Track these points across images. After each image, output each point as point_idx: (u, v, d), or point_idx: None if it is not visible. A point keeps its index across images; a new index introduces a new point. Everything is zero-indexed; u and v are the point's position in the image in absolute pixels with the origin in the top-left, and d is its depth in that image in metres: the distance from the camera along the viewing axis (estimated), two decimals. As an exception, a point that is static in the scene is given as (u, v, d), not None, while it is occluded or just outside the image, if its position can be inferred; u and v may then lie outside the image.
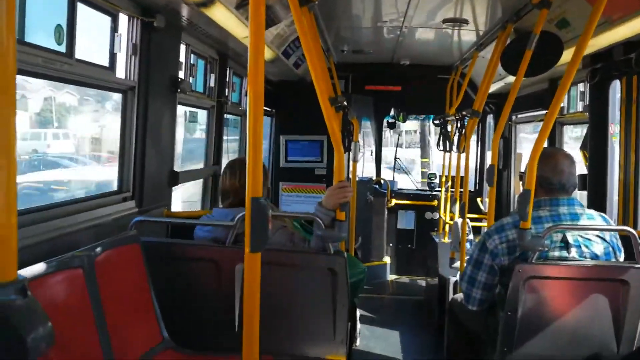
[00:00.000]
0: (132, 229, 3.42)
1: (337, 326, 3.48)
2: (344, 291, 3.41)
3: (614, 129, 4.85)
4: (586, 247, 3.33)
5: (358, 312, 5.29)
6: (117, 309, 2.93)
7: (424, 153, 21.79)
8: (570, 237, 3.33)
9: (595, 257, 3.34)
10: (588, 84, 5.15)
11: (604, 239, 3.38)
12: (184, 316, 3.47)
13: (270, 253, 3.47)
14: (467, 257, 3.58)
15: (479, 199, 8.52)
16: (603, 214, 3.55)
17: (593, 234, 3.37)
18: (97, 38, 3.64)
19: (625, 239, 3.37)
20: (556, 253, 3.32)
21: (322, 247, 3.43)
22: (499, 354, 3.40)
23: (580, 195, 5.53)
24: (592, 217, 3.43)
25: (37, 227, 2.95)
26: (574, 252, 3.32)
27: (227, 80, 5.73)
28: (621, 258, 3.46)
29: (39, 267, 2.42)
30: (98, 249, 2.89)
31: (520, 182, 3.66)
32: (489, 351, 3.65)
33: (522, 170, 3.71)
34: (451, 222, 6.44)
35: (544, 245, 3.21)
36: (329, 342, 3.52)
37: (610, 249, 3.39)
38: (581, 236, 3.35)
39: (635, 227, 4.45)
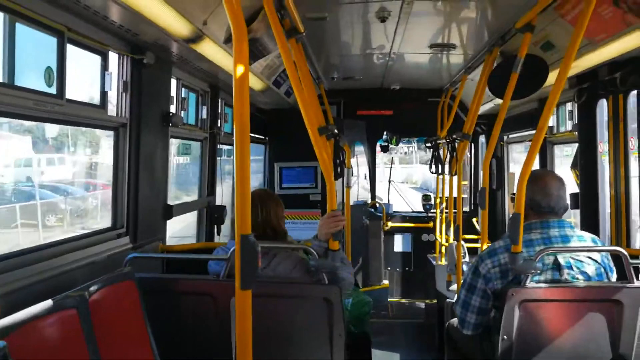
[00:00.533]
0: (127, 265, 3.42)
1: (334, 357, 3.47)
2: (339, 321, 3.41)
3: (603, 147, 4.90)
4: (578, 268, 3.35)
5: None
6: (113, 347, 2.92)
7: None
8: (562, 259, 3.34)
9: (587, 278, 3.35)
10: (576, 104, 5.21)
11: (595, 260, 3.39)
12: (181, 351, 3.46)
13: (265, 285, 3.49)
14: (463, 282, 3.58)
15: (474, 220, 8.53)
16: (594, 236, 3.57)
17: (584, 255, 3.39)
18: (87, 77, 3.68)
19: (617, 258, 3.38)
20: (548, 275, 3.33)
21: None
22: None
23: (574, 214, 5.57)
24: (582, 239, 3.45)
25: (31, 268, 2.95)
26: (565, 274, 3.33)
27: (219, 111, 5.78)
28: (613, 278, 3.47)
29: (32, 310, 2.42)
30: (92, 288, 2.88)
31: (512, 204, 3.69)
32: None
33: (514, 192, 3.74)
34: (447, 244, 6.44)
35: (536, 268, 3.21)
36: None
37: (602, 269, 3.40)
38: (572, 258, 3.36)
39: (628, 245, 4.47)
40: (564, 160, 6.81)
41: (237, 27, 2.05)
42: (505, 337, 3.31)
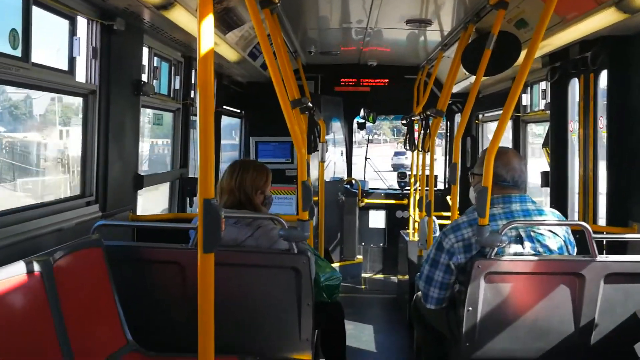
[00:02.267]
0: (95, 232, 3.40)
1: (303, 325, 3.50)
2: (308, 290, 3.44)
3: (574, 126, 4.96)
4: (539, 241, 3.41)
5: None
6: (78, 313, 2.92)
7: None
8: (523, 232, 3.40)
9: (548, 251, 3.42)
10: (548, 83, 5.25)
11: (556, 234, 3.46)
12: (148, 318, 3.46)
13: (233, 254, 3.50)
14: (426, 257, 3.62)
15: (448, 197, 8.61)
16: (554, 210, 3.64)
17: (545, 229, 3.45)
18: (56, 42, 3.61)
19: (580, 233, 3.45)
20: (511, 249, 3.39)
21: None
22: (462, 349, 3.46)
23: (544, 192, 5.65)
24: (543, 213, 3.52)
25: None
26: (528, 247, 3.39)
27: (193, 82, 5.72)
28: (573, 252, 3.54)
29: (-6, 273, 2.41)
30: (57, 254, 2.87)
31: (472, 182, 3.73)
32: (453, 347, 3.70)
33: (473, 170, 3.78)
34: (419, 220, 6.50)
35: (502, 241, 3.27)
36: (294, 342, 3.53)
37: (563, 242, 3.47)
38: (534, 231, 3.43)
39: (594, 221, 4.56)
40: (535, 140, 6.90)
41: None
42: (470, 308, 3.37)
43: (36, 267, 2.65)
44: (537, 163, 6.35)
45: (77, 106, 3.96)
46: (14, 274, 2.51)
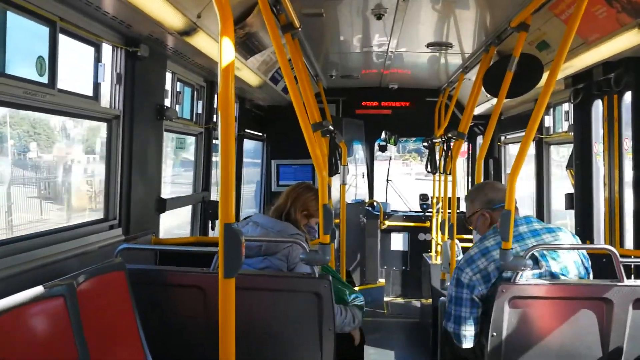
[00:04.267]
0: (118, 256, 3.43)
1: (324, 351, 3.46)
2: (329, 315, 3.41)
3: (598, 147, 4.90)
4: (554, 259, 3.37)
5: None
6: (101, 337, 2.93)
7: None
8: (536, 252, 3.35)
9: (565, 267, 3.37)
10: (572, 104, 5.21)
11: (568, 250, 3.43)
12: (170, 342, 3.46)
13: (254, 278, 3.49)
14: (448, 296, 3.55)
15: None
16: (562, 227, 3.60)
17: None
18: (81, 68, 3.68)
19: (607, 257, 3.39)
20: (528, 271, 3.33)
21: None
22: None
23: (570, 214, 5.57)
24: (552, 231, 3.47)
25: (21, 256, 2.96)
26: (544, 266, 3.34)
27: (215, 106, 5.78)
28: (588, 264, 3.49)
29: (18, 297, 2.42)
30: (81, 277, 2.88)
31: (471, 225, 3.74)
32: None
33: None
34: (441, 243, 6.44)
35: (527, 265, 3.22)
36: None
37: (577, 256, 3.44)
38: (546, 250, 3.38)
39: (621, 245, 4.47)
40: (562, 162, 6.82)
41: (223, 18, 2.05)
42: (495, 333, 3.31)
43: (59, 290, 2.66)
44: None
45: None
46: (37, 297, 2.52)
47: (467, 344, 3.49)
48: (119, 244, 3.69)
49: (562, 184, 6.17)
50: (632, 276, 4.08)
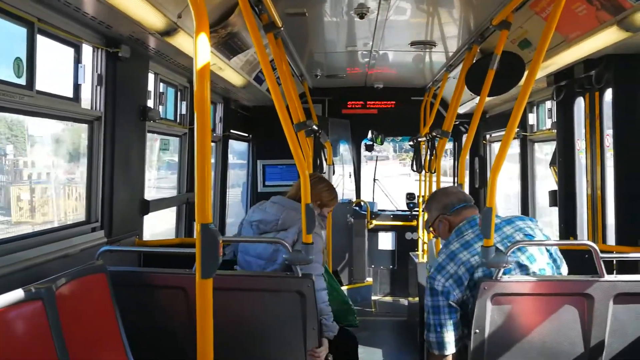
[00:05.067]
0: (99, 258, 3.40)
1: (309, 349, 3.47)
2: (313, 313, 3.41)
3: (580, 144, 4.93)
4: (520, 251, 3.40)
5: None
6: (82, 340, 2.90)
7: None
8: (501, 245, 3.37)
9: (532, 256, 3.40)
10: (554, 102, 5.24)
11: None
12: (153, 344, 3.44)
13: (235, 278, 3.49)
14: (426, 307, 3.53)
15: None
16: (522, 216, 3.63)
17: (523, 236, 3.45)
18: (61, 70, 3.66)
19: (588, 252, 3.41)
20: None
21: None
22: None
23: (552, 212, 5.60)
24: (512, 222, 3.50)
25: (1, 259, 2.93)
26: (513, 261, 3.38)
27: (199, 107, 5.74)
28: (563, 265, 3.50)
29: (-5, 301, 2.40)
30: (60, 280, 2.86)
31: (433, 233, 3.77)
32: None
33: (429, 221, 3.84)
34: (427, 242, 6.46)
35: (508, 262, 3.23)
36: None
37: (545, 251, 3.46)
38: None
39: (604, 241, 4.50)
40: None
41: (199, 17, 2.04)
42: (477, 331, 3.32)
43: (37, 294, 2.63)
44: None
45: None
46: (14, 301, 2.50)
47: (452, 349, 3.47)
48: (101, 246, 3.66)
49: (546, 183, 6.21)
50: (615, 272, 4.11)
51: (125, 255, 4.14)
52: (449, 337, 3.41)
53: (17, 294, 2.54)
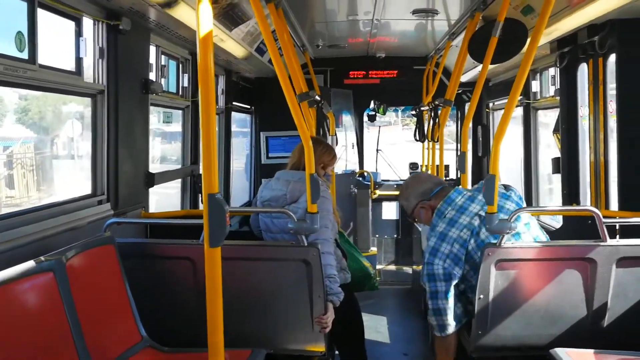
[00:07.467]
0: (107, 231, 3.45)
1: (315, 317, 3.53)
2: (319, 282, 3.46)
3: (584, 111, 4.92)
4: (517, 221, 3.47)
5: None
6: (92, 310, 2.96)
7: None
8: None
9: (528, 225, 3.53)
10: (557, 68, 5.21)
11: (508, 197, 3.65)
12: (162, 314, 3.51)
13: (242, 248, 3.53)
14: (428, 293, 3.59)
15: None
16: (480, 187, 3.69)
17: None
18: (63, 43, 3.65)
19: (591, 218, 3.44)
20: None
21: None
22: (474, 337, 3.47)
23: (556, 178, 5.62)
24: (480, 190, 3.58)
25: (9, 233, 2.97)
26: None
27: (201, 79, 5.72)
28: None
29: (7, 273, 2.44)
30: (70, 252, 2.91)
31: (418, 218, 3.85)
32: (466, 334, 3.71)
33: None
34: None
35: (512, 228, 3.27)
36: (307, 334, 3.57)
37: (514, 196, 3.66)
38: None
39: (607, 207, 4.52)
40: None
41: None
42: (481, 296, 3.37)
43: (48, 265, 2.69)
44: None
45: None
46: (26, 273, 2.55)
47: (450, 330, 3.56)
48: (108, 219, 3.70)
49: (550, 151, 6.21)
50: (617, 236, 4.14)
51: (132, 228, 4.18)
52: (449, 319, 3.54)
53: (29, 265, 2.59)
